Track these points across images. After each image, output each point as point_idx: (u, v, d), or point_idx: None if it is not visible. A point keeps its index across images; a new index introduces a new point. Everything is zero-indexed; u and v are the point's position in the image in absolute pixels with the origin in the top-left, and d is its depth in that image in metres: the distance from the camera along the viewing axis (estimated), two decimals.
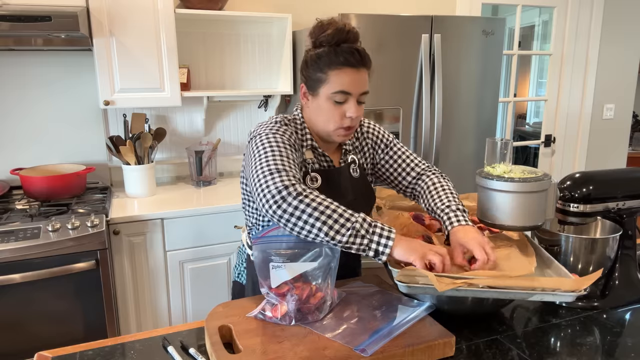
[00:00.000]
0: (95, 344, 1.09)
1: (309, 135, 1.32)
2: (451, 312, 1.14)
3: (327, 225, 1.06)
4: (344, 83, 1.23)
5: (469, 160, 2.62)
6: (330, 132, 1.28)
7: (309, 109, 1.31)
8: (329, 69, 1.23)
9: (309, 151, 1.31)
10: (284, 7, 2.80)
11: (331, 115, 1.26)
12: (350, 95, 1.24)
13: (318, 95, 1.26)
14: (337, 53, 1.22)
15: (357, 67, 1.23)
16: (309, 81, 1.27)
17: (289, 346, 0.98)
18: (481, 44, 2.51)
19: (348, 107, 1.25)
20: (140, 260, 2.19)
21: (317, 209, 1.07)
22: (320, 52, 1.24)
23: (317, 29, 1.26)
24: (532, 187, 1.13)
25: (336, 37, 1.23)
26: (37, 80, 2.45)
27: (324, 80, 1.24)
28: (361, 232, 1.07)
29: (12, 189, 2.42)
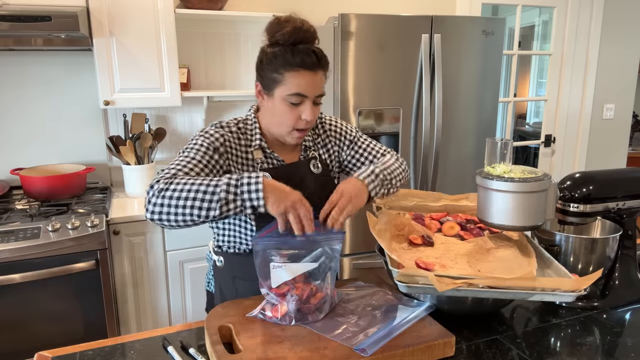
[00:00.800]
0: (95, 344, 1.09)
1: (258, 135, 1.30)
2: (451, 312, 1.14)
3: (196, 207, 1.05)
4: (300, 85, 1.20)
5: (469, 160, 2.62)
6: (284, 134, 1.27)
7: (263, 107, 1.29)
8: (284, 70, 1.20)
9: (257, 151, 1.29)
10: (284, 7, 2.80)
11: (286, 117, 1.23)
12: (306, 98, 1.22)
13: (273, 96, 1.23)
14: (294, 53, 1.19)
15: (314, 69, 1.21)
16: (264, 80, 1.24)
17: (289, 346, 0.98)
18: (481, 44, 2.51)
19: (303, 109, 1.23)
20: (140, 260, 2.19)
21: (181, 194, 1.06)
22: (276, 51, 1.21)
23: (274, 26, 1.23)
24: (532, 187, 1.13)
25: (293, 36, 1.20)
26: (37, 80, 2.45)
27: (280, 81, 1.21)
28: (229, 197, 1.05)
29: (12, 189, 2.42)
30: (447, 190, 1.84)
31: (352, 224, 2.42)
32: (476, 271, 1.11)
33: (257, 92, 1.28)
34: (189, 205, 1.05)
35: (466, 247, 1.26)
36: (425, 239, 1.27)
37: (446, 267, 1.13)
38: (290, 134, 1.26)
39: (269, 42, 1.25)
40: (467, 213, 1.48)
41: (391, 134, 2.44)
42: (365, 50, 2.28)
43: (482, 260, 1.18)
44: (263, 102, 1.28)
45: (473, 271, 1.11)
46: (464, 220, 1.39)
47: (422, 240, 1.26)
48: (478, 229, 1.33)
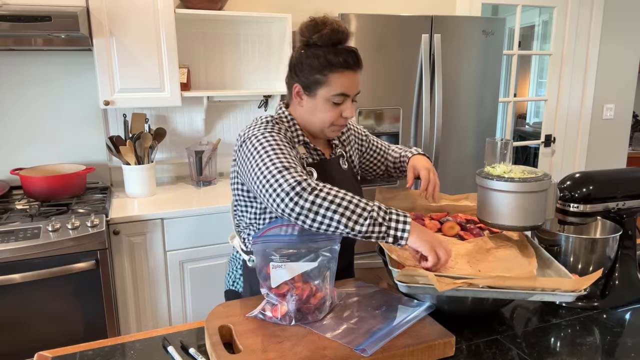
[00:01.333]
0: (95, 344, 1.09)
1: (300, 131, 1.33)
2: (451, 312, 1.14)
3: (346, 217, 1.05)
4: (344, 85, 1.24)
5: (469, 160, 2.62)
6: (325, 129, 1.31)
7: (302, 108, 1.31)
8: (329, 71, 1.23)
9: (301, 147, 1.32)
10: (284, 7, 2.80)
11: (328, 115, 1.27)
12: (347, 97, 1.27)
13: (315, 96, 1.26)
14: (336, 54, 1.23)
15: (355, 69, 1.26)
16: (305, 81, 1.26)
17: (289, 346, 0.98)
18: (481, 44, 2.51)
19: (345, 108, 1.27)
20: (140, 260, 2.19)
21: (333, 201, 1.06)
22: (319, 52, 1.24)
23: (311, 28, 1.25)
24: (532, 187, 1.13)
25: (333, 37, 1.23)
26: (37, 80, 2.45)
27: (323, 82, 1.24)
28: (379, 220, 1.06)
29: (12, 189, 2.42)
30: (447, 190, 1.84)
31: None
32: (476, 271, 1.11)
33: (295, 94, 1.30)
34: (340, 212, 1.05)
35: (466, 247, 1.26)
36: None
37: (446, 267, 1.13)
38: (330, 128, 1.31)
39: (305, 44, 1.27)
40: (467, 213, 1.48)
41: (391, 134, 2.44)
42: (365, 50, 2.28)
43: (482, 260, 1.18)
44: (302, 102, 1.30)
45: (473, 271, 1.11)
46: (464, 220, 1.39)
47: None
48: (478, 229, 1.33)
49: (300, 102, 1.30)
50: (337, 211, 1.05)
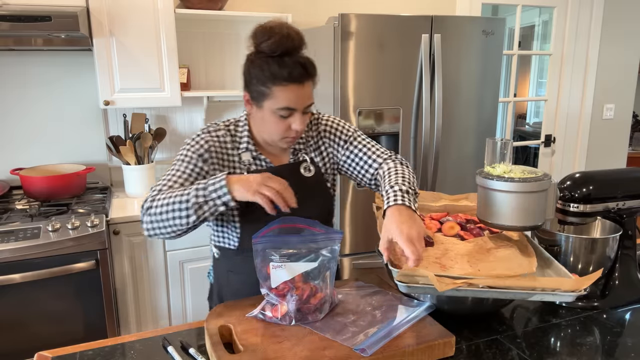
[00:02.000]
0: (95, 344, 1.10)
1: (246, 138, 1.29)
2: (451, 312, 1.14)
3: (177, 217, 1.13)
4: (289, 99, 1.18)
5: (469, 160, 2.62)
6: (276, 140, 1.27)
7: (253, 117, 1.28)
8: (272, 84, 1.17)
9: (245, 154, 1.29)
10: (284, 7, 2.80)
11: (276, 128, 1.23)
12: (295, 110, 1.21)
13: (262, 108, 1.22)
14: (281, 67, 1.16)
15: (302, 81, 1.18)
16: (252, 92, 1.23)
17: (289, 346, 0.98)
18: (481, 44, 2.51)
19: (293, 120, 1.22)
20: (140, 260, 2.19)
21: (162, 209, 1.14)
22: (263, 64, 1.18)
23: (259, 35, 1.18)
24: (532, 187, 1.13)
25: (280, 47, 1.16)
26: (37, 80, 2.45)
27: (268, 94, 1.19)
28: (199, 200, 1.12)
29: (12, 189, 2.42)
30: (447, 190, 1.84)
31: (352, 224, 2.42)
32: (476, 271, 1.11)
33: (246, 102, 1.27)
34: (170, 217, 1.14)
35: (466, 247, 1.25)
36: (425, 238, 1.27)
37: (446, 266, 1.13)
38: (282, 141, 1.26)
39: (255, 50, 1.21)
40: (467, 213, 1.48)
41: (391, 134, 2.44)
42: (365, 50, 2.28)
43: (482, 260, 1.18)
44: (252, 111, 1.27)
45: (473, 271, 1.11)
46: (464, 220, 1.39)
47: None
48: (478, 229, 1.33)
49: (250, 111, 1.27)
50: (167, 218, 1.14)
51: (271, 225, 1.16)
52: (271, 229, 1.15)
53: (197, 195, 1.12)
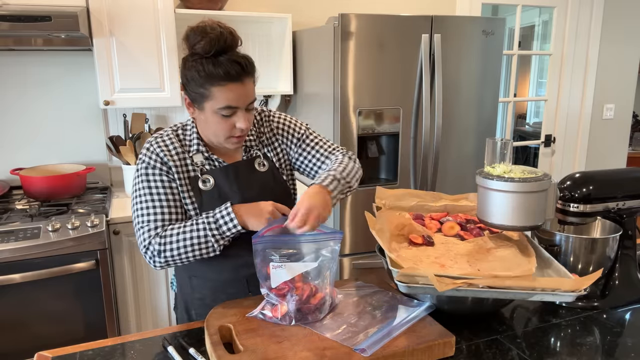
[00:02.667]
0: (95, 344, 1.10)
1: (195, 140, 1.28)
2: (451, 312, 1.14)
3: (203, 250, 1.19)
4: (229, 98, 1.17)
5: (469, 160, 2.62)
6: (221, 142, 1.25)
7: (197, 120, 1.27)
8: (210, 85, 1.16)
9: (197, 155, 1.28)
10: (284, 7, 2.80)
11: (220, 128, 1.21)
12: (237, 108, 1.19)
13: (204, 109, 1.20)
14: (216, 66, 1.14)
15: (240, 79, 1.17)
16: (191, 94, 1.21)
17: (289, 346, 0.98)
18: (481, 44, 2.51)
19: (237, 119, 1.20)
20: (140, 260, 2.18)
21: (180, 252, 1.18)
22: (198, 65, 1.16)
23: (191, 37, 1.17)
24: (532, 187, 1.13)
25: (213, 47, 1.14)
26: (37, 80, 2.45)
27: (207, 96, 1.17)
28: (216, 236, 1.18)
29: (12, 189, 2.42)
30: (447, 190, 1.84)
31: (352, 224, 2.42)
32: (476, 271, 1.11)
33: (187, 105, 1.25)
34: (192, 252, 1.19)
35: (466, 247, 1.26)
36: (425, 238, 1.27)
37: (446, 266, 1.13)
38: (227, 141, 1.25)
39: (189, 52, 1.19)
40: (467, 213, 1.48)
41: (391, 134, 2.44)
42: (365, 50, 2.28)
43: (482, 260, 1.18)
44: (195, 114, 1.25)
45: (473, 271, 1.11)
46: (464, 220, 1.39)
47: (422, 240, 1.26)
48: (478, 229, 1.33)
49: (193, 114, 1.25)
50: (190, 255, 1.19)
51: (271, 225, 1.16)
52: (271, 228, 1.15)
53: (212, 233, 1.18)
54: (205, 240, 1.18)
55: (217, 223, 1.17)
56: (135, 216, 1.22)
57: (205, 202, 1.25)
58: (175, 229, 1.19)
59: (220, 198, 1.25)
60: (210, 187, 1.26)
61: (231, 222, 1.17)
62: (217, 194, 1.25)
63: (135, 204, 1.23)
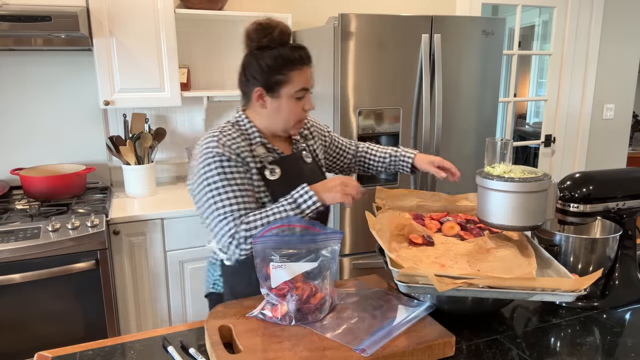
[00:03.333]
0: (95, 344, 1.10)
1: (257, 134, 1.35)
2: (451, 312, 1.14)
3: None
4: (305, 80, 1.31)
5: (469, 160, 2.62)
6: (289, 127, 1.36)
7: (265, 110, 1.34)
8: (289, 70, 1.28)
9: (259, 147, 1.35)
10: (284, 7, 2.80)
11: (292, 112, 1.33)
12: (307, 91, 1.34)
13: (279, 96, 1.31)
14: (293, 51, 1.29)
15: (309, 63, 1.33)
16: (267, 84, 1.30)
17: (289, 346, 0.98)
18: (481, 44, 2.51)
19: (306, 101, 1.34)
20: (140, 260, 2.19)
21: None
22: (275, 54, 1.28)
23: (260, 32, 1.29)
24: (532, 187, 1.13)
25: (282, 38, 1.29)
26: (37, 80, 2.45)
27: (284, 81, 1.29)
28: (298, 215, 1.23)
29: (12, 189, 2.42)
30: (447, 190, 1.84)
31: (352, 224, 2.42)
32: (476, 271, 1.11)
33: (257, 97, 1.32)
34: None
35: (466, 247, 1.26)
36: (425, 238, 1.27)
37: (446, 266, 1.13)
38: (294, 126, 1.37)
39: (257, 47, 1.31)
40: (467, 213, 1.48)
41: (391, 134, 2.44)
42: (365, 50, 2.28)
43: (482, 260, 1.18)
44: (265, 104, 1.33)
45: (473, 271, 1.11)
46: (464, 220, 1.39)
47: (422, 240, 1.27)
48: (478, 229, 1.33)
49: (263, 105, 1.33)
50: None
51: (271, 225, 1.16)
52: (271, 229, 1.15)
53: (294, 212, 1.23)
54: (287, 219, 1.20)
55: (296, 203, 1.23)
56: (215, 208, 1.24)
57: (275, 190, 1.32)
58: (258, 215, 1.23)
59: (287, 185, 1.31)
60: (277, 176, 1.34)
61: (310, 200, 1.23)
62: (284, 182, 1.33)
63: (214, 196, 1.24)
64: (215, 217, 1.24)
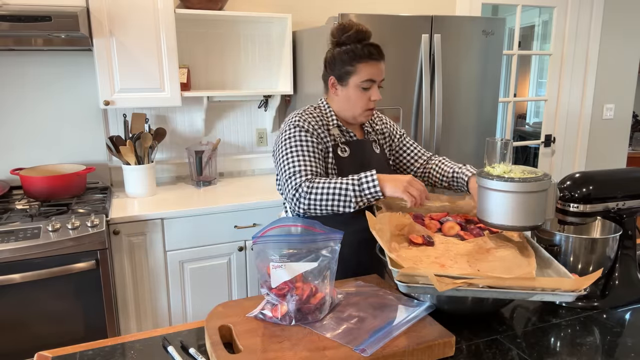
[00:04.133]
0: (95, 344, 1.09)
1: (334, 116, 1.57)
2: (451, 312, 1.14)
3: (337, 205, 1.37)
4: (371, 72, 1.50)
5: (469, 160, 2.62)
6: (357, 114, 1.55)
7: (337, 97, 1.56)
8: (357, 62, 1.49)
9: (335, 129, 1.56)
10: (284, 7, 2.80)
11: (359, 100, 1.53)
12: (374, 83, 1.52)
13: (348, 85, 1.52)
14: (363, 48, 1.49)
15: (378, 59, 1.51)
16: (338, 73, 1.53)
17: (289, 346, 0.98)
18: (481, 44, 2.51)
19: (373, 92, 1.52)
20: (140, 260, 2.19)
21: (322, 198, 1.37)
22: (347, 49, 1.50)
23: (339, 31, 1.52)
24: (532, 187, 1.13)
25: (358, 36, 1.51)
26: (37, 80, 2.45)
27: (353, 72, 1.50)
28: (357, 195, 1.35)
29: (12, 189, 2.42)
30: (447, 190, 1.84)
31: None
32: (476, 271, 1.11)
33: (331, 85, 1.56)
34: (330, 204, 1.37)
35: (466, 247, 1.26)
36: (425, 238, 1.27)
37: (446, 266, 1.13)
38: (362, 114, 1.55)
39: (335, 44, 1.54)
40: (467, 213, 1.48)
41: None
42: None
43: (482, 260, 1.18)
44: (337, 92, 1.55)
45: (473, 271, 1.11)
46: (464, 220, 1.39)
47: (422, 240, 1.27)
48: (478, 229, 1.33)
49: (335, 92, 1.56)
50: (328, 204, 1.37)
51: (271, 225, 1.16)
52: (271, 228, 1.15)
53: (354, 190, 1.35)
54: (345, 195, 1.35)
55: (359, 181, 1.35)
56: (287, 167, 1.45)
57: (343, 166, 1.53)
58: (323, 180, 1.39)
59: (354, 164, 1.53)
60: (347, 155, 1.55)
61: (373, 186, 1.34)
62: (352, 160, 1.54)
63: (288, 157, 1.46)
64: (286, 173, 1.44)
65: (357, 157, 1.56)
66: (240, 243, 2.33)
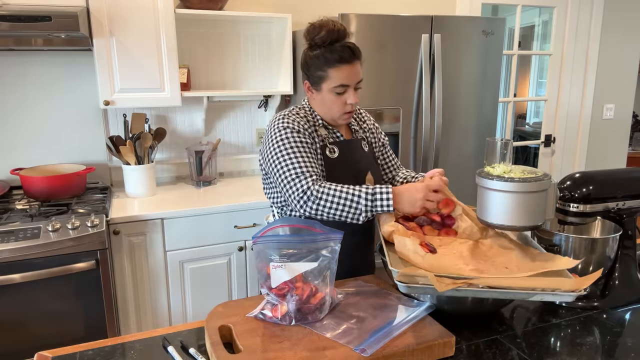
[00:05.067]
0: (95, 344, 1.10)
1: (319, 117, 1.52)
2: (451, 312, 1.14)
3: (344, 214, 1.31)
4: (342, 77, 1.42)
5: (469, 160, 2.62)
6: (335, 118, 1.50)
7: (314, 100, 1.51)
8: (327, 67, 1.42)
9: (321, 129, 1.52)
10: (284, 7, 2.80)
11: (334, 105, 1.47)
12: (348, 87, 1.44)
13: (321, 90, 1.46)
14: (332, 52, 1.41)
15: (351, 61, 1.42)
16: (311, 78, 1.47)
17: (289, 346, 0.98)
18: (481, 44, 2.51)
19: (348, 96, 1.45)
20: (140, 260, 2.19)
21: (332, 204, 1.31)
22: (318, 53, 1.43)
23: (311, 32, 1.44)
24: (532, 187, 1.13)
25: (329, 37, 1.42)
26: (37, 81, 2.45)
27: (325, 77, 1.43)
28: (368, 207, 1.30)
29: (12, 189, 2.42)
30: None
31: None
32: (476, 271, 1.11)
33: (307, 89, 1.51)
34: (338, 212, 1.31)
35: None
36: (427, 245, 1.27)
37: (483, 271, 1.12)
38: (340, 117, 1.50)
39: (309, 45, 1.47)
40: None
41: (391, 134, 2.44)
42: (365, 50, 2.27)
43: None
44: (313, 96, 1.50)
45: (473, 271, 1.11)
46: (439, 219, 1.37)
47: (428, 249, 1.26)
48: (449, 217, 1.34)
49: (312, 96, 1.51)
50: (336, 212, 1.32)
51: (271, 225, 1.16)
52: (271, 229, 1.15)
53: (366, 201, 1.30)
54: (356, 205, 1.30)
55: (374, 195, 1.30)
56: (287, 170, 1.37)
57: (332, 167, 1.47)
58: (334, 186, 1.33)
59: (344, 165, 1.49)
60: (336, 156, 1.49)
61: (386, 201, 1.29)
62: (341, 161, 1.49)
63: (286, 159, 1.39)
64: (286, 176, 1.37)
65: (347, 158, 1.51)
66: (240, 243, 2.33)
